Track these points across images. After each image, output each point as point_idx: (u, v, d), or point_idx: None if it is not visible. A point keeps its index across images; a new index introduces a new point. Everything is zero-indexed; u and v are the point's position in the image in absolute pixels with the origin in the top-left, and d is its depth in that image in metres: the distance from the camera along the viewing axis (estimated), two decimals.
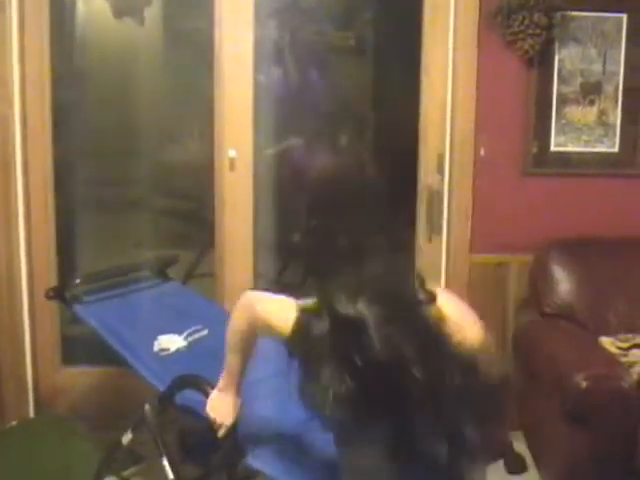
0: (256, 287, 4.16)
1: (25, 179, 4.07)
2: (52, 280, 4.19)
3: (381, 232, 4.81)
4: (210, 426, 2.68)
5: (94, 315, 3.26)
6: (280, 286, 4.63)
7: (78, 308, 3.27)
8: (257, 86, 4.13)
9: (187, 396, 2.87)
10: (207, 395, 2.69)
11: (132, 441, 3.02)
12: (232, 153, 4.06)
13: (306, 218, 4.84)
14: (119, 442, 3.04)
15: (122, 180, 4.58)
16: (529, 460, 3.69)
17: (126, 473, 3.52)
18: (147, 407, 2.87)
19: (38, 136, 4.09)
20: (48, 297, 3.32)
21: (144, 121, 4.54)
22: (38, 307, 4.19)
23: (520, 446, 3.74)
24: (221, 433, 2.59)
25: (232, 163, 4.07)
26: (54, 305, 4.21)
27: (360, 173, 4.92)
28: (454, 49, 4.00)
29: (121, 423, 3.13)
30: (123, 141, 4.56)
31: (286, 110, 4.51)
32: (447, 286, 4.14)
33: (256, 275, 4.22)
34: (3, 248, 4.05)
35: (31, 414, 4.22)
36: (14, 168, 4.02)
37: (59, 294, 3.31)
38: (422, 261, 4.20)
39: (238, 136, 4.09)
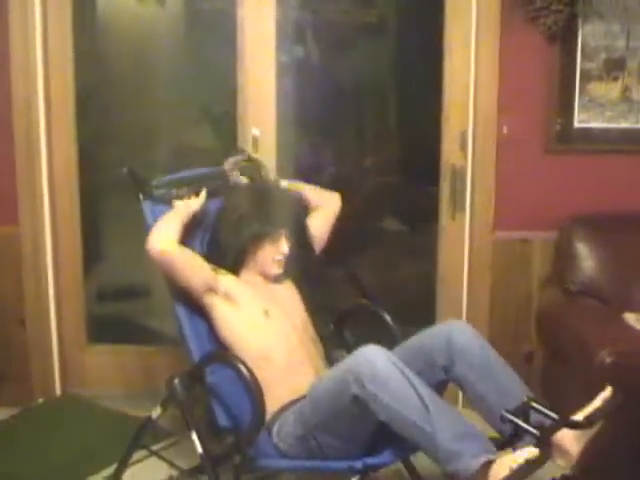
0: None
1: (49, 161, 4.11)
2: (77, 260, 4.24)
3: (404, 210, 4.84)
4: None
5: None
6: None
7: (147, 204, 3.21)
8: (279, 65, 4.13)
9: (216, 374, 2.92)
10: (236, 369, 2.72)
11: (161, 416, 3.03)
12: (255, 132, 4.08)
13: None
14: (149, 417, 3.06)
15: (145, 162, 4.60)
16: None
17: (156, 447, 3.55)
18: (176, 381, 2.89)
19: (62, 119, 4.13)
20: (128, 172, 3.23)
21: (166, 104, 4.55)
22: (63, 286, 4.23)
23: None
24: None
25: (255, 141, 4.08)
26: (79, 285, 4.26)
27: (383, 151, 4.93)
28: (477, 26, 3.97)
29: (147, 400, 3.15)
30: (146, 123, 4.58)
31: (308, 89, 4.51)
32: (470, 264, 4.15)
33: None
34: (29, 229, 4.08)
35: (57, 392, 4.26)
36: (38, 151, 4.05)
37: (138, 183, 3.24)
38: (445, 239, 4.21)
39: (261, 115, 4.10)
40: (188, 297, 3.07)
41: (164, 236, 3.00)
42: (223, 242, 3.15)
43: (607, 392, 2.72)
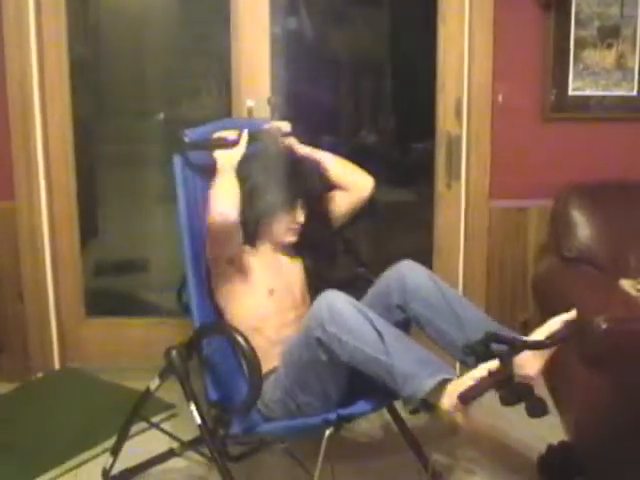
0: None
1: (45, 136, 4.10)
2: (74, 234, 4.24)
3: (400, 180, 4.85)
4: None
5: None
6: None
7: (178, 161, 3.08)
8: (273, 36, 4.12)
9: (213, 346, 2.92)
10: (234, 341, 2.73)
11: (161, 386, 3.04)
12: (250, 103, 4.07)
13: None
14: (147, 389, 3.07)
15: (139, 136, 4.60)
16: (550, 404, 3.71)
17: (155, 420, 3.57)
18: (174, 352, 2.90)
19: (56, 93, 4.12)
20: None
21: (161, 76, 4.55)
22: (61, 260, 4.23)
23: (541, 390, 3.76)
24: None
25: (250, 112, 4.07)
26: (77, 258, 4.26)
27: (378, 122, 4.94)
28: None
29: (146, 373, 3.16)
30: (140, 95, 4.57)
31: (302, 60, 4.50)
32: (467, 232, 4.16)
33: None
34: (25, 204, 4.08)
35: (56, 366, 4.28)
36: (34, 126, 4.04)
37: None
38: (441, 208, 4.22)
39: (255, 85, 4.09)
40: (202, 263, 3.06)
41: (225, 205, 2.93)
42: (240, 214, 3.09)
43: (571, 314, 2.80)
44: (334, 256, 3.42)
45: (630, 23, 3.99)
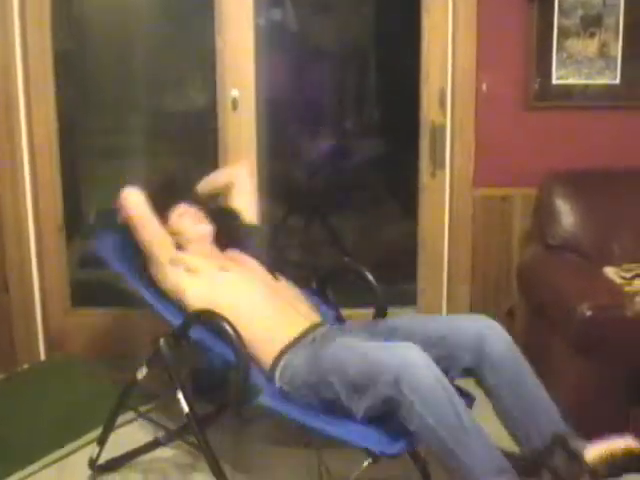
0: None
1: (29, 127, 4.09)
2: (59, 226, 4.23)
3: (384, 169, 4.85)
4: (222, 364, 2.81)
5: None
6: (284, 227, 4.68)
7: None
8: (258, 27, 4.12)
9: (201, 331, 2.93)
10: (221, 330, 2.74)
11: (147, 376, 3.05)
12: (234, 93, 4.07)
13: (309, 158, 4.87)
14: (134, 378, 3.08)
15: (124, 128, 4.60)
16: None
17: (142, 409, 3.57)
18: (162, 340, 2.91)
19: (40, 85, 4.10)
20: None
21: (145, 68, 4.54)
22: (46, 252, 4.22)
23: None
24: None
25: (234, 103, 4.08)
26: (62, 248, 4.25)
27: (362, 112, 4.94)
28: None
29: (131, 363, 3.16)
30: (125, 87, 4.56)
31: (287, 51, 4.51)
32: (451, 220, 4.17)
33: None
34: (9, 195, 4.07)
35: (42, 357, 4.27)
36: (18, 117, 4.04)
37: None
38: (426, 196, 4.23)
39: (240, 76, 4.09)
40: (153, 281, 3.16)
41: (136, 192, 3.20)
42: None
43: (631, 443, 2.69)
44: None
45: (613, 12, 4.00)
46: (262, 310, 3.03)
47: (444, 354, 2.77)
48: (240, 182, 3.55)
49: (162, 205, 3.27)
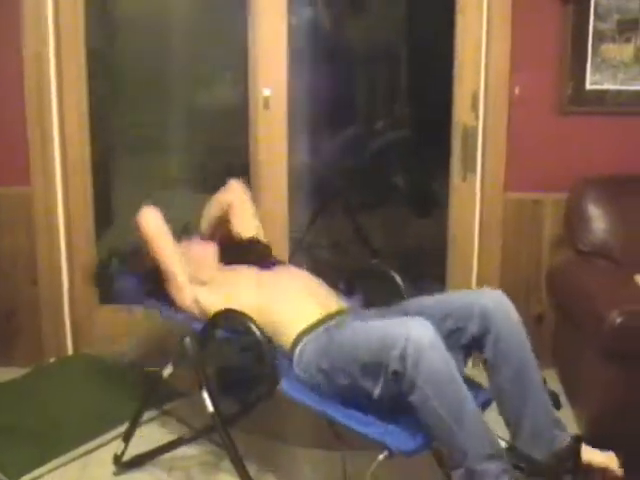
0: (291, 225, 4.22)
1: (61, 122, 4.11)
2: (89, 221, 4.24)
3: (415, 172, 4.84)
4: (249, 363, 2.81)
5: None
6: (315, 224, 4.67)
7: None
8: (291, 26, 4.12)
9: (225, 330, 2.94)
10: (249, 331, 2.75)
11: (172, 374, 3.05)
12: (267, 92, 4.07)
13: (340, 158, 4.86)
14: (160, 376, 3.08)
15: (157, 122, 4.61)
16: (563, 398, 3.70)
17: (167, 407, 3.58)
18: (187, 339, 2.91)
19: (73, 77, 4.11)
20: None
21: (177, 63, 4.54)
22: (75, 247, 4.24)
23: (554, 384, 3.75)
24: None
25: (266, 101, 4.07)
26: (91, 245, 4.27)
27: (394, 113, 4.93)
28: None
29: (158, 360, 3.17)
30: (158, 82, 4.57)
31: (319, 50, 4.50)
32: (481, 224, 4.15)
33: (291, 212, 4.24)
34: (41, 190, 4.09)
35: (69, 351, 4.29)
36: (50, 111, 4.06)
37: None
38: (457, 199, 4.21)
39: (272, 75, 4.10)
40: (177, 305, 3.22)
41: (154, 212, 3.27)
42: None
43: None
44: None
45: None
46: (275, 301, 3.03)
47: (452, 327, 2.80)
48: (237, 202, 3.56)
49: None
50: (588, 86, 4.01)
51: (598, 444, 2.76)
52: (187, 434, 3.28)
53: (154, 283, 3.23)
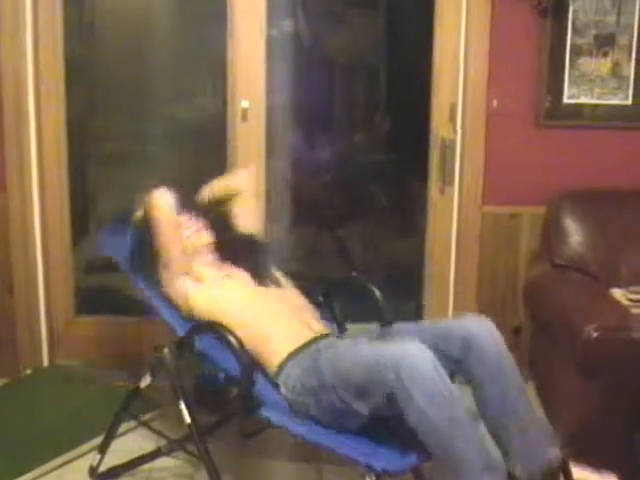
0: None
1: (38, 131, 4.10)
2: (66, 231, 4.23)
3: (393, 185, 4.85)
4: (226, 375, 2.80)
5: None
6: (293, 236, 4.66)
7: None
8: (269, 38, 4.12)
9: (205, 343, 2.92)
10: (227, 343, 2.74)
11: (149, 385, 3.04)
12: (245, 104, 4.07)
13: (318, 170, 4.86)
14: (137, 386, 3.07)
15: (134, 135, 4.60)
16: (540, 411, 3.72)
17: (144, 418, 3.56)
18: (166, 350, 2.90)
19: (51, 90, 4.11)
20: None
21: (155, 76, 4.54)
22: (52, 257, 4.22)
23: (531, 396, 3.76)
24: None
25: (244, 113, 4.07)
26: (68, 255, 4.25)
27: (372, 126, 4.94)
28: None
29: (135, 372, 3.16)
30: (136, 95, 4.56)
31: (298, 62, 4.51)
32: (459, 238, 4.16)
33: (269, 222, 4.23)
34: (17, 201, 4.07)
35: (45, 362, 4.27)
36: (27, 121, 4.04)
37: None
38: (434, 213, 4.22)
39: (250, 87, 4.09)
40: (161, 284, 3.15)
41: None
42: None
43: None
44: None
45: (626, 32, 4.00)
46: (267, 319, 3.02)
47: (436, 348, 2.72)
48: (244, 189, 3.49)
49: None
50: (565, 100, 4.04)
51: (574, 457, 2.77)
52: (164, 445, 3.26)
53: (145, 260, 3.21)
